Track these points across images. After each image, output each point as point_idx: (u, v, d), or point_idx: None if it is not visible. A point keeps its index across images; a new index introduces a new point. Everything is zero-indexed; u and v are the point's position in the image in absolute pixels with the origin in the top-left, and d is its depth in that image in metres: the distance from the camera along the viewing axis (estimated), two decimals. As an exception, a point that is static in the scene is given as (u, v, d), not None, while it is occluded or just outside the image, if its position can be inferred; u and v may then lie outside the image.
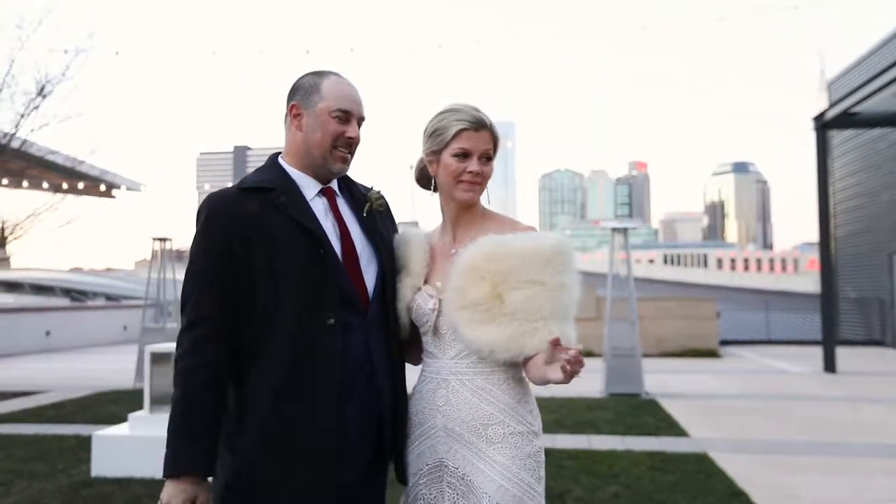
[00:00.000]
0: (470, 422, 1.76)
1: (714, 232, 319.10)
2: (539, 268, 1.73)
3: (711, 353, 15.06)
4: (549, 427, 7.29)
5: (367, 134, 1.97)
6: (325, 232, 1.80)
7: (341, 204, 1.91)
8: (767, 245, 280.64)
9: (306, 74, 1.91)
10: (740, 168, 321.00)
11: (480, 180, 1.88)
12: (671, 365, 13.51)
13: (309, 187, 1.87)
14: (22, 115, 9.50)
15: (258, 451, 1.71)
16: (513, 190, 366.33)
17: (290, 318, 1.72)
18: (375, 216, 1.91)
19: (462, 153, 1.86)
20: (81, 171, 12.19)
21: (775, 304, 23.48)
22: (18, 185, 12.12)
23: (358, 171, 1.93)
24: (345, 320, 1.76)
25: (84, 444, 6.14)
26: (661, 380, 10.90)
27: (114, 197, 20.33)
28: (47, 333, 17.51)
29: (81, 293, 51.42)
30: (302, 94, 1.86)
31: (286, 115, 1.89)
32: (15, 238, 10.60)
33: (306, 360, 1.72)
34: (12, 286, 57.19)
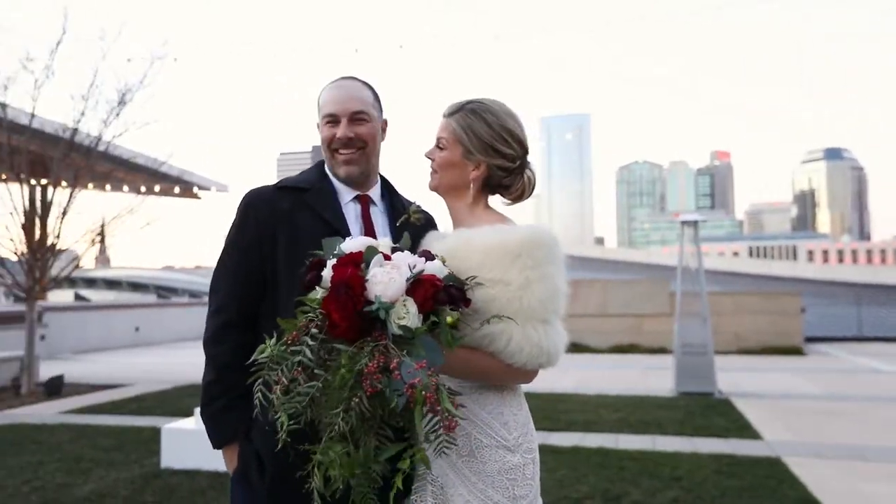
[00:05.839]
0: None
1: (804, 222, 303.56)
2: (505, 265, 1.61)
3: (795, 351, 14.30)
4: (613, 426, 7.10)
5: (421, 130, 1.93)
6: (350, 233, 1.83)
7: (375, 212, 1.93)
8: (864, 235, 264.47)
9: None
10: (833, 154, 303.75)
11: (433, 166, 1.86)
12: (749, 363, 12.91)
13: (345, 192, 1.92)
14: (105, 123, 10.05)
15: (263, 443, 1.74)
16: (589, 183, 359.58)
17: None
18: (408, 229, 1.87)
19: None
20: (162, 171, 12.78)
21: (873, 298, 22.10)
22: (102, 188, 12.86)
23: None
24: None
25: (158, 436, 6.44)
26: (737, 378, 10.45)
27: (199, 198, 21.30)
28: (136, 329, 18.52)
29: (171, 290, 54.31)
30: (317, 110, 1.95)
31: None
32: (102, 240, 11.23)
33: None
34: (112, 284, 61.27)
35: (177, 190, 15.99)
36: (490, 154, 1.79)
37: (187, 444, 5.57)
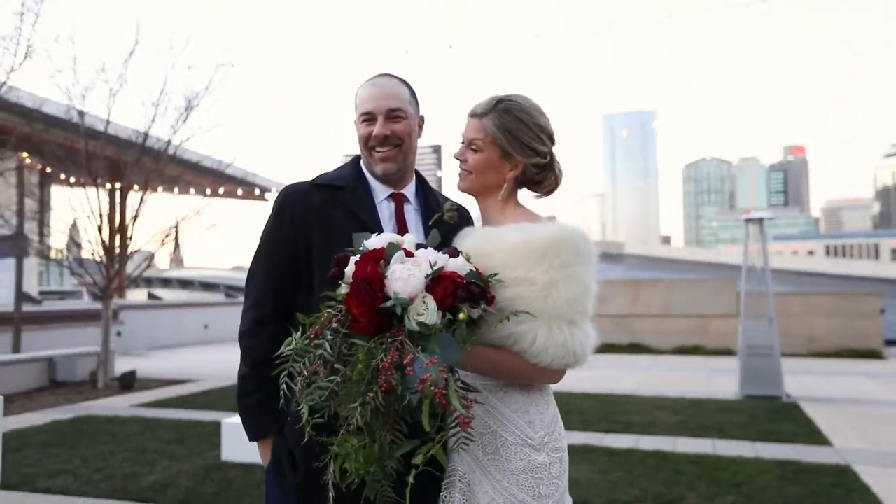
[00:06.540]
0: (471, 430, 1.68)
1: (887, 219, 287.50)
2: (530, 264, 1.59)
3: (873, 354, 13.56)
4: (671, 429, 6.91)
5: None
6: (383, 231, 1.83)
7: (409, 210, 1.95)
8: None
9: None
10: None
11: (467, 168, 1.83)
12: (821, 366, 12.33)
13: (379, 190, 1.94)
14: (173, 128, 10.51)
15: (294, 438, 1.76)
16: (654, 182, 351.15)
17: None
18: (443, 227, 1.87)
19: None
20: (227, 173, 13.25)
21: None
22: (171, 191, 13.44)
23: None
24: None
25: (219, 430, 6.64)
26: (807, 382, 10.00)
27: (265, 199, 21.94)
28: (205, 327, 19.19)
29: (240, 289, 56.07)
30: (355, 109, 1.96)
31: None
32: (175, 241, 11.71)
33: None
34: (185, 283, 63.82)
35: (240, 192, 16.54)
36: (528, 154, 1.78)
37: (245, 438, 5.71)
